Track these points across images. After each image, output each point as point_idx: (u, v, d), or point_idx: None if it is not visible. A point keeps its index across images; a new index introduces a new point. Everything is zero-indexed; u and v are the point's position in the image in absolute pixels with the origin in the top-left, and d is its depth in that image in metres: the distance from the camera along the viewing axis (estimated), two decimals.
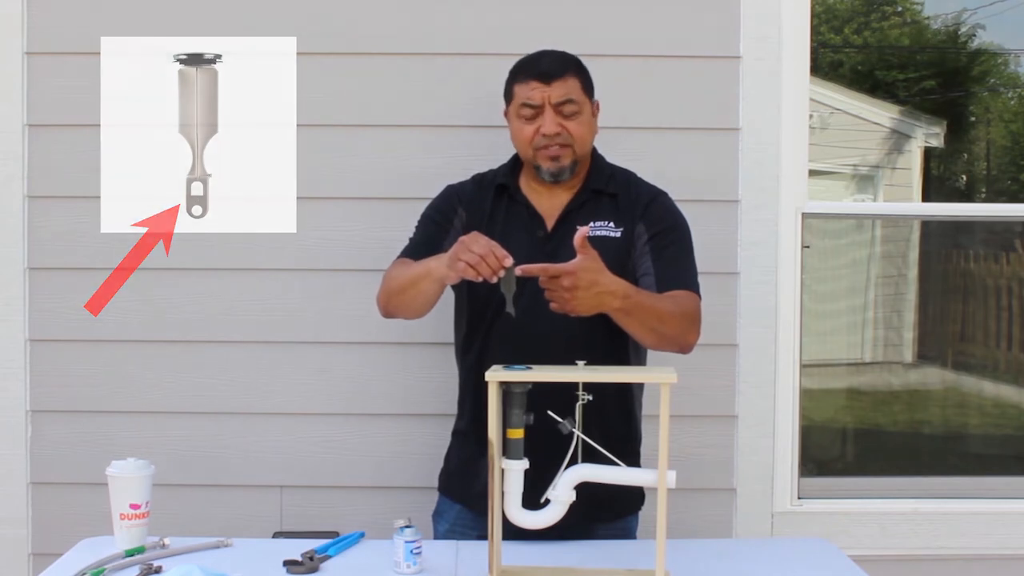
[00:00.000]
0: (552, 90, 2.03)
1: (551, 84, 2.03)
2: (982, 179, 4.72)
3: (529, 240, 2.06)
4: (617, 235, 2.07)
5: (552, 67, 2.05)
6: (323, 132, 2.61)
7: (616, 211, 2.10)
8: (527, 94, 2.04)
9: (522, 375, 1.70)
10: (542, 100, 2.03)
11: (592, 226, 2.02)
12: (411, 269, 2.01)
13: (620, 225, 2.08)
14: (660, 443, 1.64)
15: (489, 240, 1.79)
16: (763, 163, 2.63)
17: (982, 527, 2.70)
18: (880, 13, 4.63)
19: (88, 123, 2.59)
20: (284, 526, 2.61)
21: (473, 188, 2.18)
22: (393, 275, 2.07)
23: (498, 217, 2.11)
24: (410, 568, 1.78)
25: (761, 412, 2.65)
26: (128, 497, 1.89)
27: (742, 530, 2.65)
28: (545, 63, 2.07)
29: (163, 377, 2.63)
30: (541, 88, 2.03)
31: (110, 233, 2.60)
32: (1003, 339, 3.47)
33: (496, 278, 1.77)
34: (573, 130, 2.05)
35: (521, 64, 2.11)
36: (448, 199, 2.18)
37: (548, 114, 2.03)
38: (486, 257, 1.76)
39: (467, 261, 1.77)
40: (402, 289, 2.02)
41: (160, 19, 2.59)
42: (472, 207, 2.13)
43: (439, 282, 1.92)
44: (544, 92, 2.03)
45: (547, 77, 2.04)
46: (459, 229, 2.09)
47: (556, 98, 2.03)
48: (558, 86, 2.04)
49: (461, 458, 2.17)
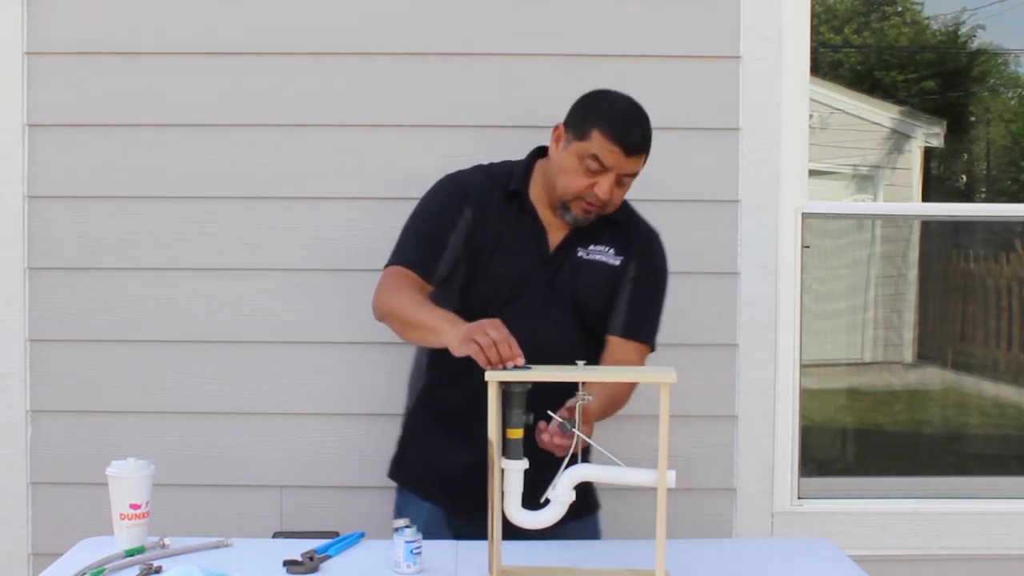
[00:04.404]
0: (628, 163, 1.99)
1: (630, 157, 2.00)
2: (982, 179, 4.72)
3: (533, 256, 2.07)
4: (616, 264, 2.10)
5: (641, 144, 2.01)
6: (323, 132, 2.61)
7: (616, 239, 2.11)
8: (604, 153, 1.97)
9: (522, 375, 1.70)
10: (614, 166, 1.99)
11: (591, 249, 2.08)
12: (421, 311, 1.95)
13: (620, 255, 2.11)
14: (660, 443, 1.64)
15: (508, 334, 1.75)
16: (763, 163, 2.63)
17: (982, 527, 2.70)
18: (880, 13, 4.63)
19: (88, 123, 2.59)
20: (284, 526, 2.61)
21: (481, 186, 2.11)
22: (402, 303, 2.00)
23: (506, 225, 2.08)
24: (410, 568, 1.78)
25: (761, 412, 2.65)
26: (128, 497, 1.89)
27: (742, 530, 2.66)
28: (636, 137, 1.99)
29: (163, 377, 2.63)
30: (621, 157, 1.98)
31: (110, 233, 2.61)
32: (1003, 339, 3.47)
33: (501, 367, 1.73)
34: (617, 198, 2.04)
35: (613, 119, 2.00)
36: (454, 195, 2.11)
37: (610, 181, 2.00)
38: (499, 345, 1.72)
39: (481, 344, 1.73)
40: (405, 321, 1.99)
41: (160, 19, 2.59)
42: (480, 209, 2.08)
43: (443, 345, 1.87)
44: (621, 162, 1.99)
45: (632, 151, 1.99)
46: (463, 231, 2.07)
47: (625, 170, 2.00)
48: (634, 161, 2.00)
49: (427, 447, 2.17)
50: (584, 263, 2.09)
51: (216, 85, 2.60)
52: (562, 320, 2.07)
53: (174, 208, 2.61)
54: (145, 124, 2.60)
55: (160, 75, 2.59)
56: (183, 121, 2.60)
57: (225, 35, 2.59)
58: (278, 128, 2.60)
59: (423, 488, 2.17)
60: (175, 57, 2.59)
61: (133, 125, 2.60)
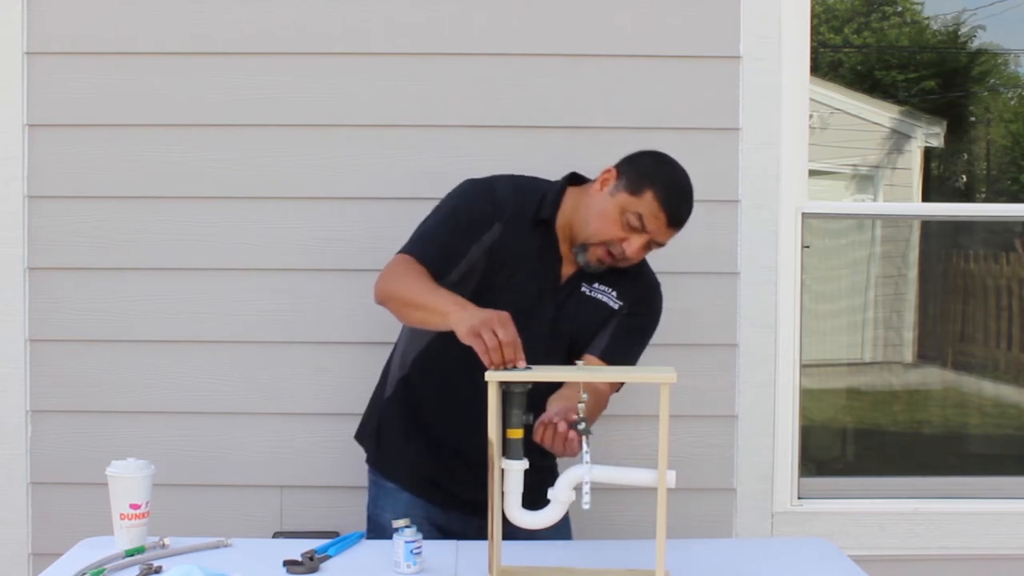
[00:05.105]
0: (664, 233, 2.02)
1: (669, 228, 2.02)
2: (982, 179, 4.72)
3: (544, 286, 2.07)
4: (615, 307, 2.11)
5: (684, 219, 2.03)
6: (323, 132, 2.61)
7: (619, 283, 2.11)
8: (650, 216, 1.98)
9: (522, 375, 1.71)
10: (652, 231, 2.00)
11: (595, 287, 2.09)
12: (429, 292, 1.93)
13: (620, 299, 2.11)
14: (660, 443, 1.64)
15: (516, 334, 1.74)
16: (763, 163, 2.63)
17: (982, 527, 2.70)
18: (880, 13, 4.62)
19: (88, 123, 2.60)
20: (284, 526, 2.61)
21: (514, 204, 2.07)
22: (409, 284, 1.97)
23: (529, 250, 2.07)
24: (410, 568, 1.78)
25: (761, 412, 2.65)
26: (128, 497, 1.89)
27: (742, 530, 2.66)
28: (684, 212, 2.03)
29: (163, 377, 2.63)
30: (663, 226, 2.00)
31: (110, 233, 2.61)
32: (1003, 339, 3.47)
33: (495, 367, 1.72)
34: (637, 259, 2.06)
35: (670, 187, 2.01)
36: (487, 208, 2.06)
37: (642, 242, 2.01)
38: (505, 347, 1.72)
39: (487, 343, 1.72)
40: (409, 303, 1.96)
41: (160, 19, 2.59)
42: (509, 228, 2.05)
43: (448, 328, 1.84)
44: (662, 230, 2.01)
45: (674, 223, 2.02)
46: (487, 244, 2.04)
47: (658, 238, 2.02)
48: (670, 233, 2.03)
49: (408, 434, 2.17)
50: (586, 299, 2.10)
51: (216, 85, 2.60)
52: (556, 349, 2.07)
53: (175, 208, 2.61)
54: (145, 124, 2.60)
55: (160, 75, 2.60)
56: (184, 121, 2.60)
57: (224, 36, 2.59)
58: (279, 128, 2.60)
59: (401, 479, 2.18)
60: (175, 57, 2.60)
61: (133, 125, 2.60)
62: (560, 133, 2.61)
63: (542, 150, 2.58)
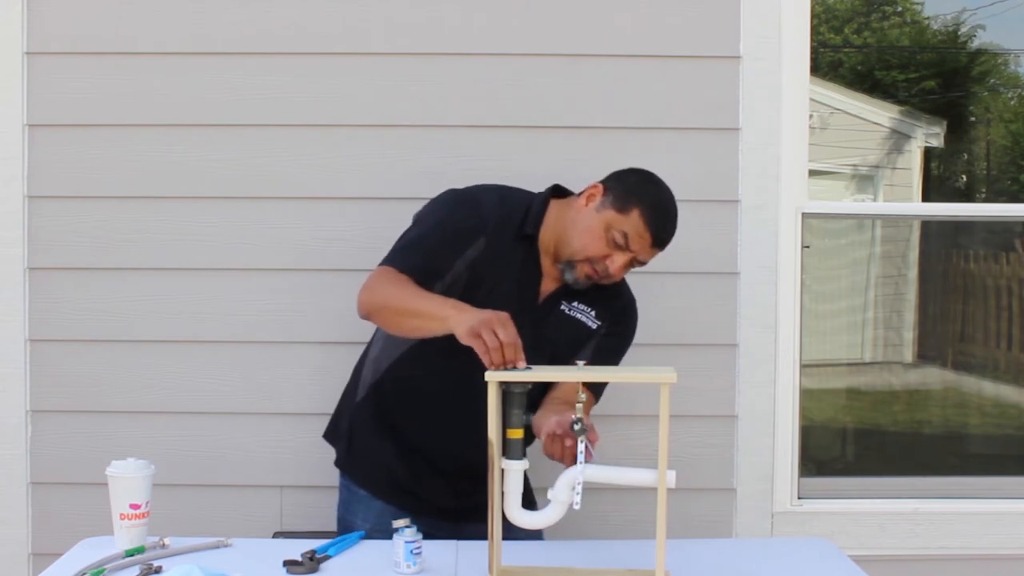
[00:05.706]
0: (647, 252, 2.03)
1: (653, 248, 2.03)
2: (982, 179, 4.71)
3: (524, 303, 2.04)
4: (592, 327, 2.11)
5: (667, 240, 2.04)
6: (323, 132, 2.61)
7: (597, 302, 2.11)
8: (635, 235, 1.99)
9: (522, 375, 1.71)
10: (636, 251, 2.01)
11: (574, 305, 2.09)
12: (422, 300, 1.91)
13: (599, 319, 2.12)
14: (660, 443, 1.64)
15: (516, 334, 1.74)
16: (763, 163, 2.63)
17: (982, 527, 2.70)
18: (880, 13, 4.62)
19: (88, 123, 2.60)
20: (284, 526, 2.61)
21: (498, 217, 2.05)
22: (399, 293, 1.94)
23: (511, 264, 2.05)
24: (410, 568, 1.78)
25: (761, 412, 2.65)
26: (128, 497, 1.89)
27: (742, 530, 2.66)
28: (668, 233, 2.04)
29: (163, 377, 2.63)
30: (647, 245, 2.01)
31: (110, 233, 2.61)
32: (1003, 339, 3.47)
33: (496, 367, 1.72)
34: (620, 275, 2.07)
35: (656, 208, 2.02)
36: (472, 222, 2.04)
37: (625, 260, 2.02)
38: (506, 348, 1.72)
39: (487, 343, 1.71)
40: (402, 311, 1.93)
41: (160, 19, 2.59)
42: (492, 242, 2.03)
43: (448, 331, 1.82)
44: (645, 248, 2.02)
45: (658, 244, 2.03)
46: (470, 258, 2.02)
47: (641, 257, 2.03)
48: (653, 252, 2.04)
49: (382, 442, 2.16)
50: (565, 318, 2.10)
51: (216, 85, 2.60)
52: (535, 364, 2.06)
53: (175, 208, 2.61)
54: (145, 124, 2.60)
55: (160, 75, 2.60)
56: (184, 121, 2.60)
57: (224, 36, 2.59)
58: (279, 128, 2.60)
59: (372, 486, 2.16)
60: (175, 57, 2.60)
61: (133, 125, 2.60)
62: (560, 133, 2.61)
63: (542, 150, 2.59)
